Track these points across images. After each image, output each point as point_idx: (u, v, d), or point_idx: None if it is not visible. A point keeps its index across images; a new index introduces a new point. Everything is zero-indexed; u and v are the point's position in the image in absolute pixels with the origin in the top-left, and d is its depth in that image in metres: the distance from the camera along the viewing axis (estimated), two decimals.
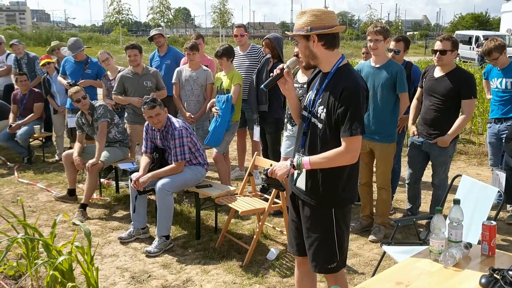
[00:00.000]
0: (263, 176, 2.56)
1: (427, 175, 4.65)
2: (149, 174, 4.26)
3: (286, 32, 2.92)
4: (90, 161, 4.96)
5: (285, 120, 4.69)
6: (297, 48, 2.50)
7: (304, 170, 2.43)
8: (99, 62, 6.32)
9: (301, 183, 2.51)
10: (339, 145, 2.33)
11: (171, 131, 4.32)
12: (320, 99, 2.39)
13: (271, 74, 2.54)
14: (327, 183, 2.42)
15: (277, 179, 2.48)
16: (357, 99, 2.27)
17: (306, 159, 2.36)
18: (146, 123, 4.47)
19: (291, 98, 2.59)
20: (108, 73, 6.27)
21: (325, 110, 2.34)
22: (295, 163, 2.39)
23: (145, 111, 4.29)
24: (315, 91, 2.46)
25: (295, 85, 4.29)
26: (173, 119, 4.43)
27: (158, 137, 4.46)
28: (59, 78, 6.58)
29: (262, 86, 2.58)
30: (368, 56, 4.86)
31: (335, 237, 2.46)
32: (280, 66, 2.51)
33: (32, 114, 6.89)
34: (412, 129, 4.43)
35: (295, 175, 2.54)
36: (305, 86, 3.39)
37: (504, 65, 4.84)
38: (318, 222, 2.47)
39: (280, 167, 2.45)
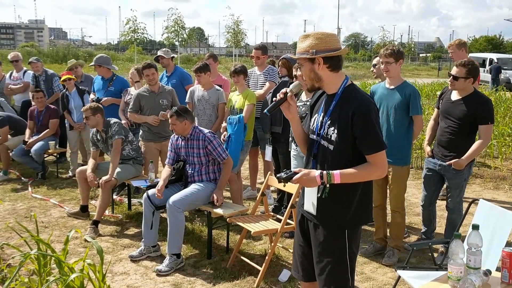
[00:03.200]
0: (282, 174, 2.37)
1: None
2: (220, 189, 4.36)
3: (289, 55, 2.89)
4: (104, 178, 4.99)
5: (290, 139, 4.70)
6: (300, 71, 2.49)
7: (315, 194, 2.40)
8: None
9: (309, 206, 2.47)
10: (350, 165, 2.32)
11: (201, 136, 4.37)
12: (329, 121, 2.38)
13: (274, 98, 2.52)
14: (339, 205, 2.39)
15: (287, 179, 2.35)
16: (370, 117, 2.28)
17: (336, 172, 2.29)
18: (173, 134, 4.57)
19: (294, 122, 2.56)
20: (132, 89, 6.33)
21: (336, 131, 2.33)
22: (324, 175, 2.30)
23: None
24: (322, 113, 2.45)
25: (299, 103, 4.31)
26: (200, 127, 4.52)
27: (183, 145, 4.48)
28: (91, 95, 6.76)
29: (265, 111, 2.55)
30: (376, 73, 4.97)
31: (347, 261, 2.41)
32: (283, 90, 2.48)
33: (48, 130, 6.97)
34: (426, 149, 4.40)
35: (305, 198, 2.51)
36: (308, 103, 3.39)
37: None
38: (331, 246, 2.42)
39: (307, 178, 2.32)
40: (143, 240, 4.38)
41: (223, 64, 34.58)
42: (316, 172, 2.32)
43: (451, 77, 4.04)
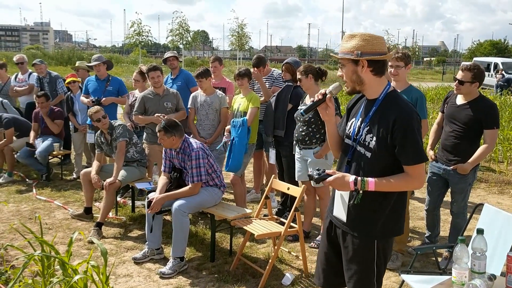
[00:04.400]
0: (315, 173, 2.32)
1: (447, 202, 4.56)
2: (164, 195, 4.26)
3: (331, 54, 2.83)
4: (108, 180, 5.00)
5: (294, 142, 4.68)
6: (341, 72, 2.41)
7: (346, 200, 2.36)
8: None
9: (340, 213, 2.42)
10: (387, 174, 2.25)
11: (188, 151, 4.34)
12: (368, 127, 2.30)
13: (312, 99, 2.46)
14: (369, 213, 2.33)
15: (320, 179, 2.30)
16: (412, 126, 2.19)
17: (371, 179, 2.23)
18: None
19: (330, 124, 2.50)
20: (136, 91, 6.35)
21: (374, 138, 2.25)
22: (359, 181, 2.24)
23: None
24: (360, 118, 2.37)
25: (303, 106, 4.30)
26: (191, 140, 4.45)
27: (175, 156, 4.48)
28: (82, 97, 6.71)
29: (301, 111, 2.50)
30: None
31: (374, 270, 2.36)
32: (322, 91, 2.41)
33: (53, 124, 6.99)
34: (429, 153, 4.38)
35: (335, 204, 2.47)
36: None
37: None
38: (358, 255, 2.37)
39: (341, 182, 2.28)
40: (146, 242, 4.38)
41: (227, 67, 34.59)
42: (350, 178, 2.27)
43: (457, 81, 4.02)
